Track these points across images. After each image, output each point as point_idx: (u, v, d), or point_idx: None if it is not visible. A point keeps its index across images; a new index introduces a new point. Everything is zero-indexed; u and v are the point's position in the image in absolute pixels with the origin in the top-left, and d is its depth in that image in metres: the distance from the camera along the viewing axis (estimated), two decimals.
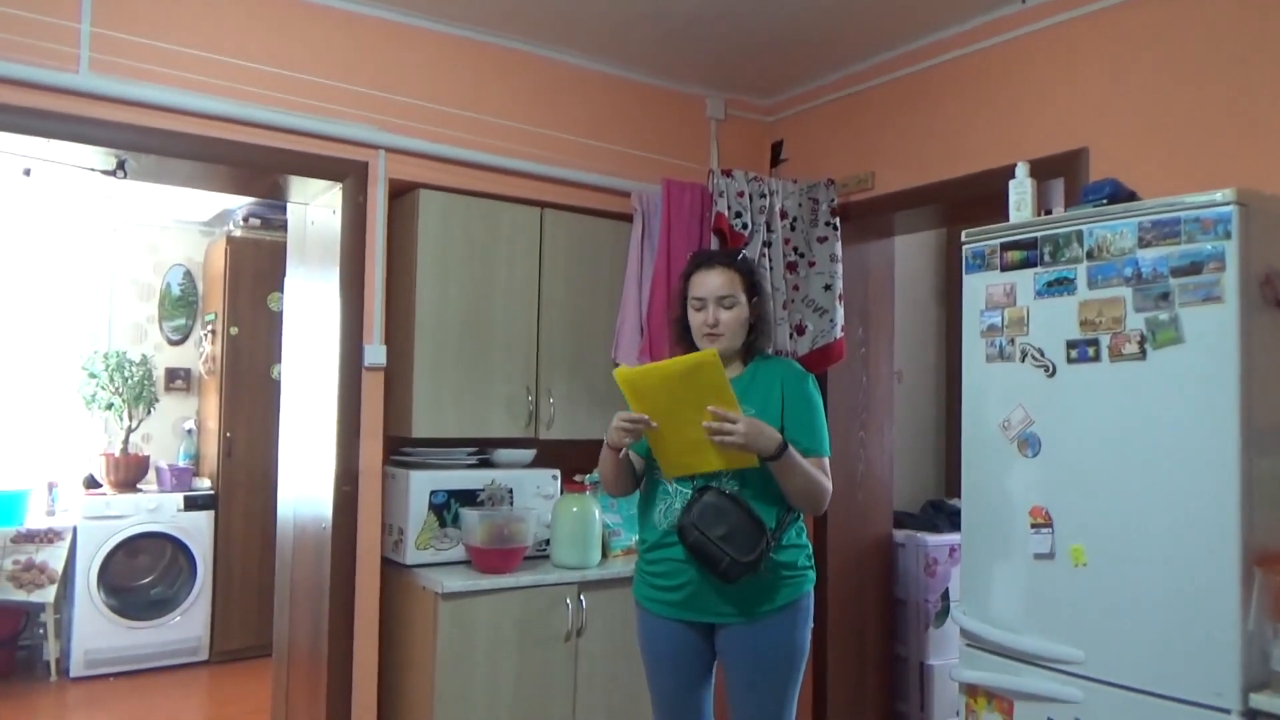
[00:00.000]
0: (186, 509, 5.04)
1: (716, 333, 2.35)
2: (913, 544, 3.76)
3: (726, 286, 2.35)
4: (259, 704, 4.23)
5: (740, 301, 2.36)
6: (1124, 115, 2.74)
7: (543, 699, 2.98)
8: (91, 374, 5.10)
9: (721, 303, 2.34)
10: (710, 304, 2.35)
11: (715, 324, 2.34)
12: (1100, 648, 2.09)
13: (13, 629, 4.92)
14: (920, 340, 4.46)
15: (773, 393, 2.33)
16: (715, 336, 2.36)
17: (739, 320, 2.36)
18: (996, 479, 2.34)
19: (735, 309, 2.35)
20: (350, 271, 3.06)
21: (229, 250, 5.26)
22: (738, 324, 2.36)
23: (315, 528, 3.14)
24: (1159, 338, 2.02)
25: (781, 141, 3.92)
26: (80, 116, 2.63)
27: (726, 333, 2.35)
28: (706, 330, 2.36)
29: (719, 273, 2.36)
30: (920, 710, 3.71)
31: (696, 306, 2.38)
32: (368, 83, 3.06)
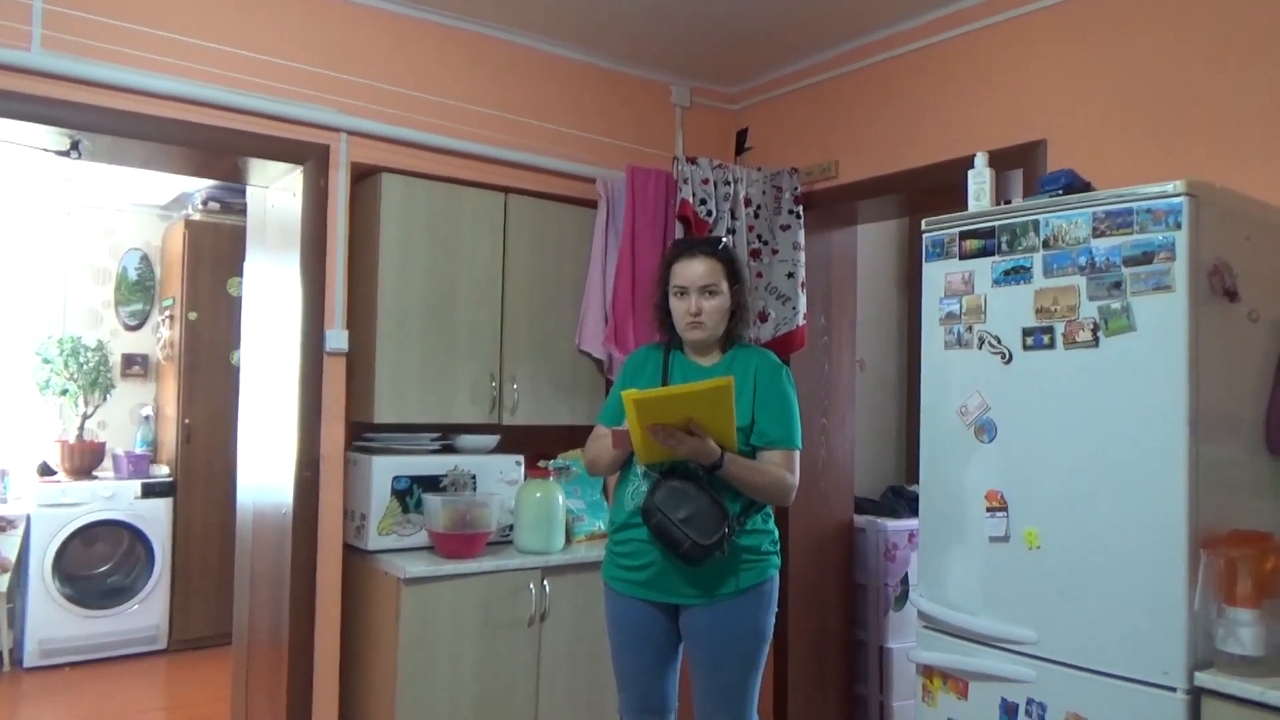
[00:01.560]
0: (144, 496, 4.97)
1: (699, 321, 2.36)
2: (873, 529, 3.81)
3: (709, 275, 2.36)
4: (219, 692, 4.19)
5: (723, 290, 2.37)
6: (1082, 107, 2.79)
7: (506, 683, 2.98)
8: (45, 359, 5.01)
9: (704, 292, 2.35)
10: (693, 293, 2.36)
11: (698, 313, 2.35)
12: (1053, 628, 2.13)
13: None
14: (882, 328, 4.50)
15: (746, 384, 2.35)
16: (697, 325, 2.37)
17: (721, 309, 2.38)
18: (954, 464, 2.38)
19: (718, 298, 2.37)
20: (311, 256, 3.03)
21: (187, 234, 5.18)
22: (720, 313, 2.38)
23: (276, 514, 3.12)
24: (1111, 326, 2.06)
25: (746, 130, 3.93)
26: (32, 95, 2.57)
27: (709, 321, 2.37)
28: (689, 319, 2.37)
29: (702, 261, 2.37)
30: (880, 692, 3.76)
31: (678, 294, 2.39)
32: (330, 65, 3.02)
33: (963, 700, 2.29)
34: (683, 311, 2.38)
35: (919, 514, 2.49)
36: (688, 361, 2.45)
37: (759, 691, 2.41)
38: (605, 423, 2.50)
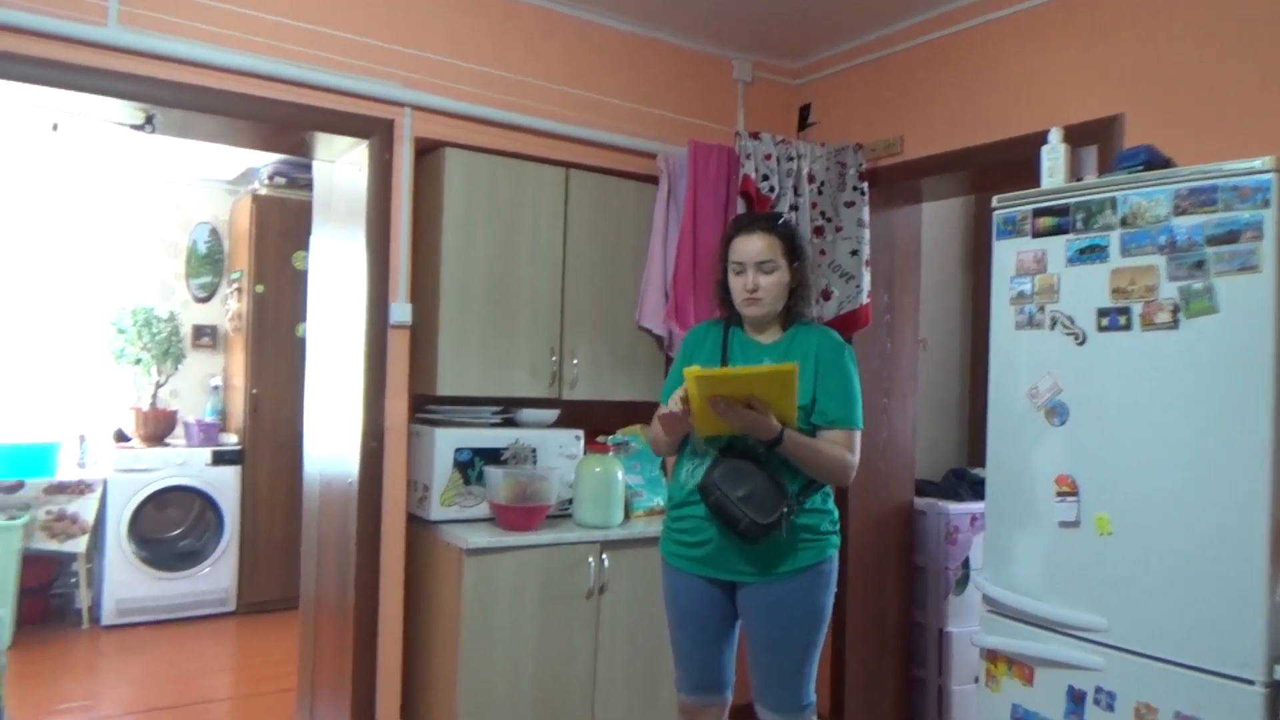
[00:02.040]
0: (214, 464, 5.12)
1: (755, 297, 2.35)
2: (934, 512, 3.76)
3: (766, 251, 2.34)
4: (286, 654, 4.32)
5: (780, 266, 2.35)
6: (1161, 81, 2.68)
7: (565, 655, 3.02)
8: (120, 330, 5.17)
9: (761, 268, 2.34)
10: (750, 269, 2.34)
11: (754, 289, 2.34)
12: (1123, 616, 2.09)
13: (46, 578, 5.04)
14: (946, 308, 4.42)
15: (808, 362, 2.32)
16: (754, 301, 2.35)
17: (779, 285, 2.36)
18: (1023, 447, 2.33)
19: (775, 274, 2.34)
20: (376, 230, 3.06)
21: (254, 208, 5.29)
22: (777, 289, 2.36)
23: (341, 483, 3.18)
24: (1192, 307, 2.00)
25: (809, 105, 3.87)
26: (108, 70, 2.63)
27: (766, 298, 2.35)
28: (746, 295, 2.35)
29: (759, 237, 2.35)
30: (939, 676, 3.73)
31: (736, 270, 2.37)
32: (395, 39, 3.04)
33: (1028, 686, 2.26)
34: (740, 287, 2.37)
35: (985, 497, 2.45)
36: (747, 339, 2.43)
37: (816, 671, 2.40)
38: (666, 401, 2.50)
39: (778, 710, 2.36)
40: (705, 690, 2.47)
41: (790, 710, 2.36)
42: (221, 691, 4.16)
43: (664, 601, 2.52)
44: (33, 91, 2.64)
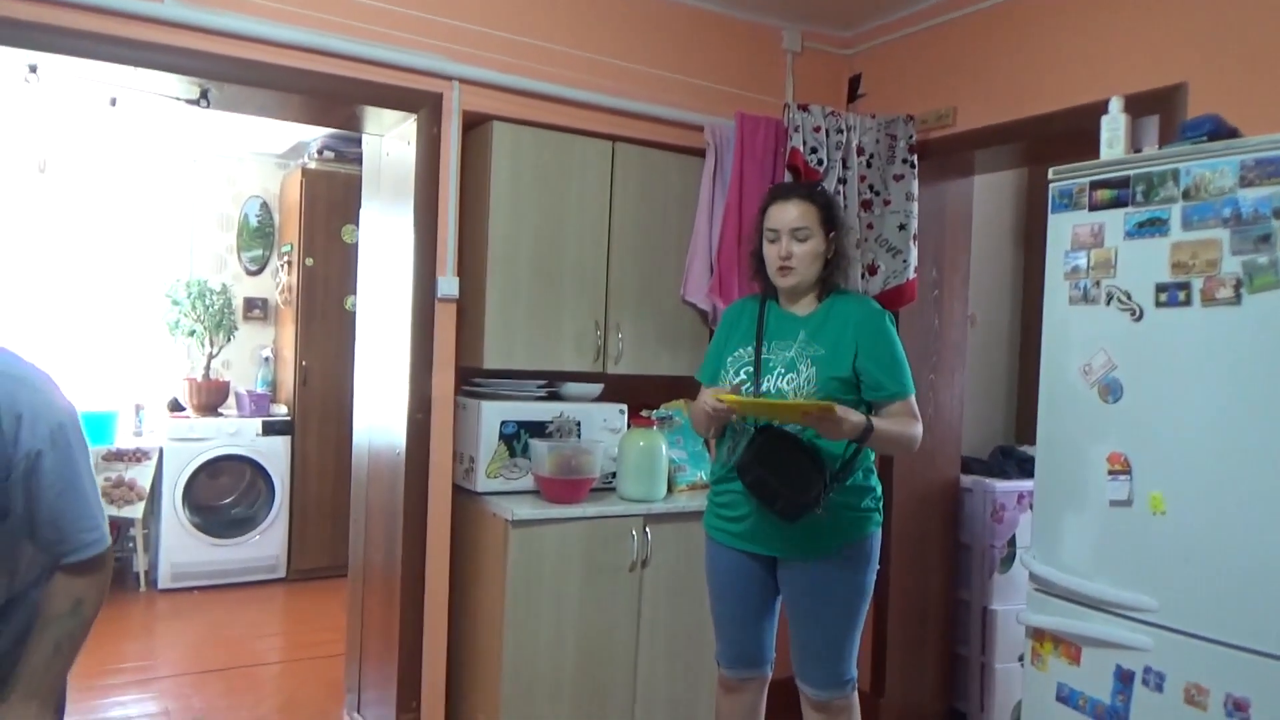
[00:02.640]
0: (265, 434, 5.24)
1: (789, 265, 2.32)
2: (980, 489, 3.72)
3: (801, 219, 2.31)
4: (334, 621, 4.42)
5: (815, 234, 2.32)
6: (1227, 47, 2.59)
7: (608, 626, 3.05)
8: (174, 301, 5.29)
9: (795, 235, 2.31)
10: (784, 235, 2.32)
11: (788, 256, 2.32)
12: (1175, 596, 2.05)
13: None
14: (996, 283, 4.34)
15: (845, 333, 2.30)
16: (787, 270, 2.33)
17: (813, 253, 2.33)
18: (1074, 424, 2.29)
19: (810, 242, 2.32)
20: (424, 204, 3.08)
21: (304, 182, 5.35)
22: (811, 257, 2.33)
23: (389, 454, 3.23)
24: (1256, 282, 1.94)
25: (859, 75, 3.81)
26: (166, 45, 2.67)
27: (799, 266, 2.33)
28: (779, 263, 2.33)
29: (794, 204, 2.33)
30: (981, 654, 3.70)
31: (771, 239, 2.35)
32: (443, 12, 3.05)
33: (1074, 665, 2.24)
34: (773, 255, 2.34)
35: (1035, 474, 2.42)
36: (783, 312, 2.40)
37: (858, 647, 2.40)
38: (703, 380, 2.51)
39: (818, 685, 2.37)
40: (745, 664, 2.48)
41: (831, 685, 2.36)
42: (272, 655, 4.27)
43: (706, 575, 2.53)
44: (92, 67, 2.69)
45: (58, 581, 1.57)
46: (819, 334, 2.31)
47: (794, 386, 2.26)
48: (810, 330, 2.33)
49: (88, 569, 1.59)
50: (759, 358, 2.34)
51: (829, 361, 2.27)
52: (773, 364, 2.32)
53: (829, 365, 2.27)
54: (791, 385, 2.26)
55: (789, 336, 2.34)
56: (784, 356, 2.32)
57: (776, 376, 2.30)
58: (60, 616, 1.56)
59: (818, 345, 2.30)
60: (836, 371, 2.26)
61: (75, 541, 1.56)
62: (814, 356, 2.28)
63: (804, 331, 2.33)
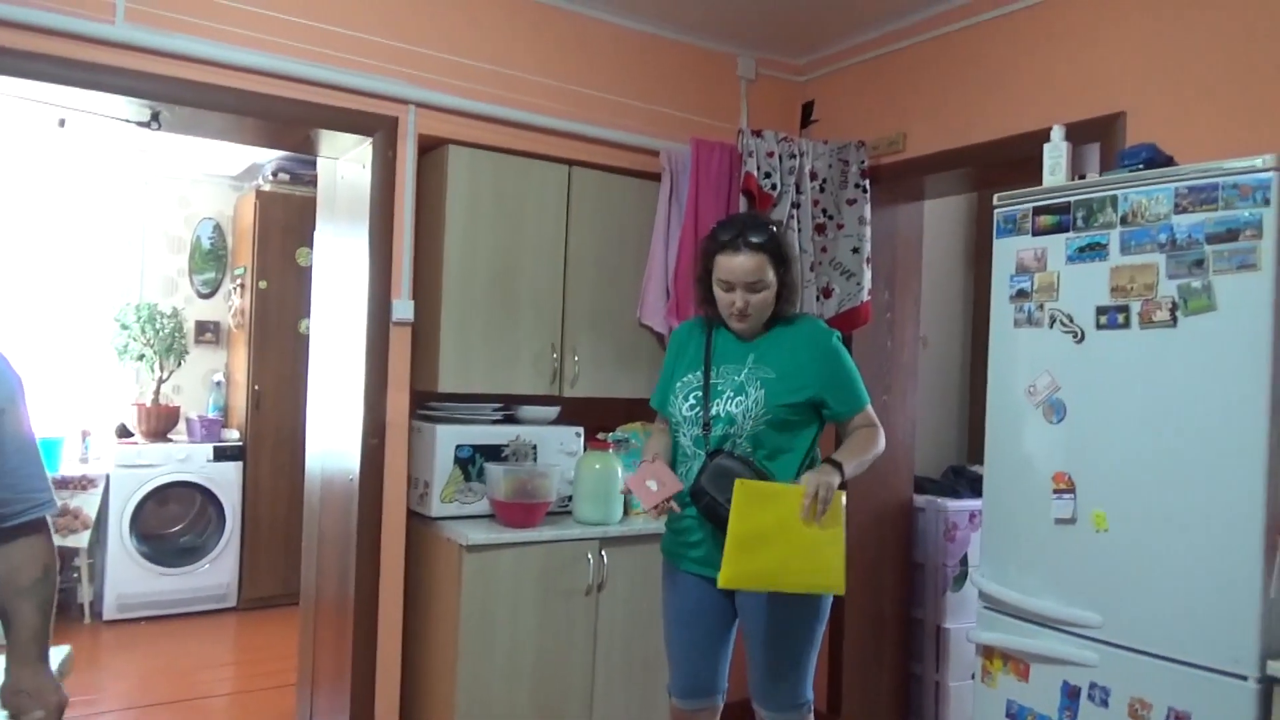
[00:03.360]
0: (215, 459, 5.14)
1: (745, 314, 2.31)
2: (933, 509, 3.77)
3: (756, 271, 2.27)
4: (286, 649, 4.33)
5: (769, 283, 2.30)
6: (1163, 79, 2.69)
7: (563, 650, 3.03)
8: (123, 325, 5.19)
9: (751, 288, 2.29)
10: (739, 289, 2.29)
11: (745, 305, 2.29)
12: (1118, 612, 2.10)
13: None
14: (946, 306, 4.43)
15: (794, 355, 2.31)
16: (744, 317, 2.32)
17: (767, 300, 2.32)
18: (1020, 444, 2.34)
19: (764, 291, 2.30)
20: (379, 227, 3.07)
21: (258, 204, 5.30)
22: (766, 304, 2.32)
23: (342, 480, 3.20)
24: (1191, 305, 2.01)
25: (812, 102, 3.88)
26: (116, 67, 2.64)
27: (755, 313, 2.32)
28: (735, 313, 2.31)
29: (746, 257, 2.27)
30: (936, 672, 3.74)
31: (724, 288, 2.32)
32: (399, 36, 3.06)
33: (1023, 681, 2.27)
34: (728, 303, 2.31)
35: (983, 493, 2.46)
36: (730, 336, 2.40)
37: (814, 668, 2.40)
38: (655, 405, 2.51)
39: (775, 708, 2.37)
40: (697, 694, 2.45)
41: (787, 708, 2.36)
42: (222, 687, 4.18)
43: (663, 602, 2.51)
44: (40, 88, 2.65)
45: (20, 550, 1.60)
46: (767, 357, 2.32)
47: (743, 409, 2.27)
48: (759, 353, 2.34)
49: (43, 529, 1.65)
50: (708, 383, 2.34)
51: (778, 384, 2.28)
52: (721, 388, 2.32)
53: (778, 388, 2.28)
54: (740, 408, 2.27)
55: (737, 360, 2.34)
56: (733, 380, 2.32)
57: (725, 400, 2.30)
58: (36, 582, 1.61)
59: (766, 368, 2.31)
60: (785, 394, 2.27)
61: (31, 500, 1.61)
62: (763, 379, 2.29)
63: (752, 355, 2.34)
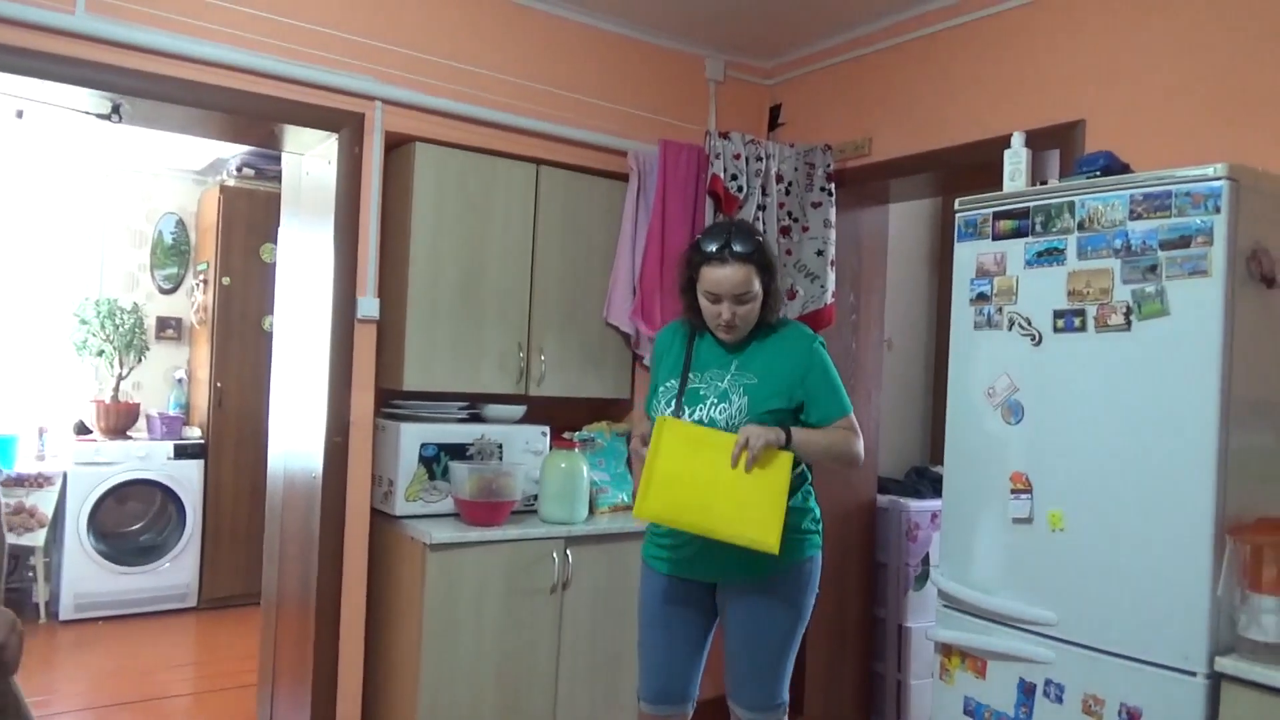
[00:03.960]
0: (176, 457, 5.07)
1: (733, 325, 2.29)
2: (895, 509, 3.81)
3: (743, 284, 2.25)
4: (247, 650, 4.29)
5: (756, 293, 2.28)
6: (1121, 88, 2.75)
7: (527, 649, 3.03)
8: (83, 320, 5.10)
9: (738, 299, 2.26)
10: (726, 301, 2.26)
11: (732, 317, 2.27)
12: (1073, 610, 2.14)
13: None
14: (911, 308, 4.48)
15: (778, 361, 2.30)
16: (731, 328, 2.30)
17: (754, 311, 2.30)
18: (980, 445, 2.38)
19: (751, 303, 2.28)
20: (345, 223, 3.05)
21: (222, 200, 5.24)
22: (753, 314, 2.30)
23: (305, 478, 3.17)
24: (1145, 309, 2.05)
25: (780, 105, 3.91)
26: (76, 58, 2.60)
27: (742, 324, 2.30)
28: (723, 323, 2.29)
29: (734, 268, 2.24)
30: (898, 670, 3.78)
31: (710, 300, 2.29)
32: (366, 32, 3.04)
33: (980, 679, 2.31)
34: (714, 314, 2.29)
35: (943, 494, 2.50)
36: (713, 344, 2.38)
37: (791, 670, 2.39)
38: (650, 413, 2.43)
39: (751, 708, 2.36)
40: (668, 700, 2.42)
41: (764, 708, 2.36)
42: (181, 688, 4.12)
43: (640, 607, 2.47)
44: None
45: None
46: (751, 363, 2.32)
47: (726, 416, 2.26)
48: (742, 360, 2.33)
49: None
50: (683, 389, 2.33)
51: (761, 390, 2.28)
52: (704, 393, 2.31)
53: (761, 394, 2.27)
54: (724, 415, 2.26)
55: (721, 366, 2.33)
56: (716, 387, 2.30)
57: (709, 406, 2.28)
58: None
59: (750, 374, 2.30)
60: (769, 401, 2.26)
61: None
62: (746, 386, 2.28)
63: (736, 361, 2.33)
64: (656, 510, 2.18)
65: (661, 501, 2.17)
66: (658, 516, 2.21)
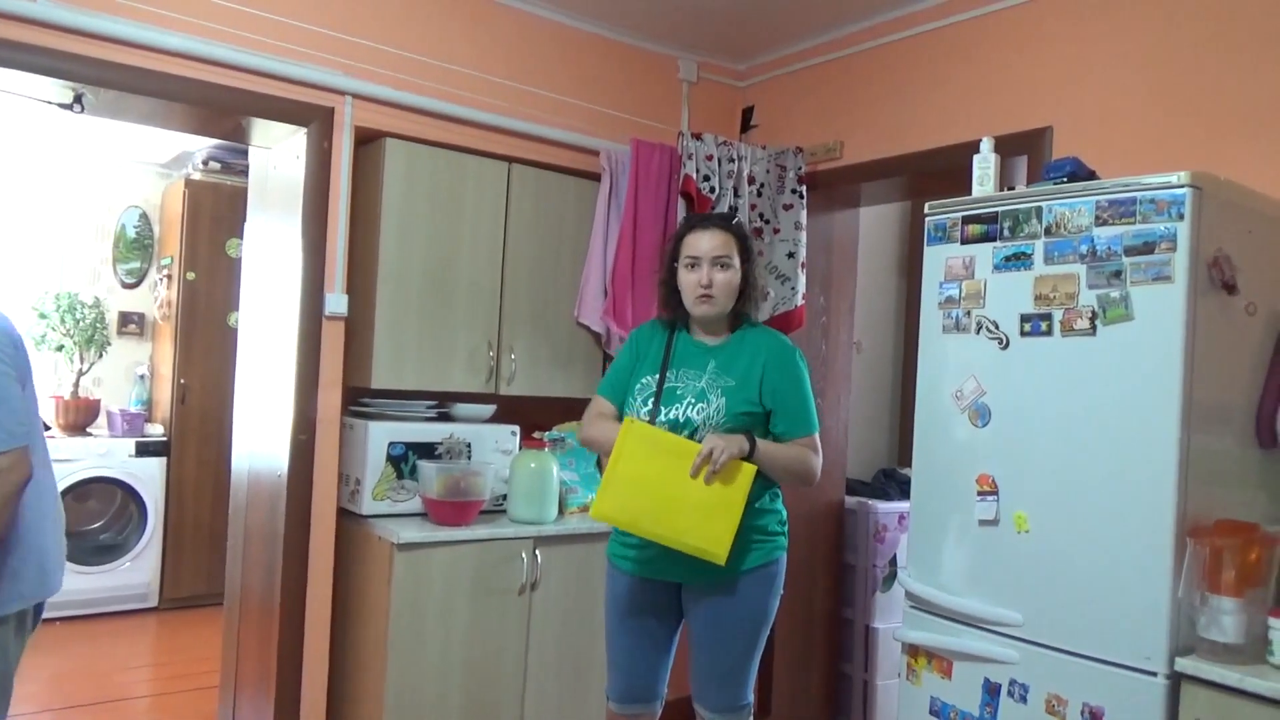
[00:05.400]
0: (138, 455, 4.99)
1: (709, 293, 2.31)
2: (863, 511, 3.84)
3: (723, 247, 2.31)
4: (209, 651, 4.22)
5: (734, 265, 2.33)
6: (1088, 95, 2.79)
7: (495, 650, 3.01)
8: (42, 315, 5.01)
9: (717, 262, 2.30)
10: (705, 263, 2.30)
11: (709, 284, 2.30)
12: (1038, 611, 2.16)
13: None
14: (880, 311, 4.51)
15: (754, 366, 2.30)
16: (708, 298, 2.32)
17: (732, 284, 2.33)
18: (947, 447, 2.40)
19: (730, 271, 2.32)
20: (313, 219, 3.02)
21: (187, 193, 5.17)
22: (730, 287, 2.33)
23: (271, 476, 3.13)
24: (1109, 314, 2.08)
25: (752, 107, 3.92)
26: (37, 46, 2.55)
27: (719, 295, 2.32)
28: (700, 290, 2.31)
29: (716, 233, 2.33)
30: (864, 671, 3.80)
31: (689, 265, 2.33)
32: (336, 26, 3.01)
33: (946, 679, 2.32)
34: (693, 283, 2.32)
35: (911, 495, 2.51)
36: (693, 341, 2.39)
37: (756, 671, 2.39)
38: (605, 395, 2.47)
39: (716, 710, 2.36)
40: (636, 699, 2.43)
41: (729, 710, 2.36)
42: (141, 689, 4.06)
43: (606, 606, 2.47)
44: None
45: None
46: (730, 365, 2.32)
47: (704, 416, 2.26)
48: (721, 361, 2.33)
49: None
50: (660, 388, 2.33)
51: (739, 392, 2.28)
52: (681, 393, 2.31)
53: (739, 396, 2.28)
54: (701, 415, 2.26)
55: (699, 366, 2.33)
56: (694, 386, 2.31)
57: (686, 406, 2.28)
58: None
59: (728, 376, 2.30)
60: (746, 403, 2.27)
61: None
62: (724, 387, 2.28)
63: (714, 362, 2.33)
64: (612, 512, 2.20)
65: (618, 504, 2.19)
66: (613, 519, 2.22)
